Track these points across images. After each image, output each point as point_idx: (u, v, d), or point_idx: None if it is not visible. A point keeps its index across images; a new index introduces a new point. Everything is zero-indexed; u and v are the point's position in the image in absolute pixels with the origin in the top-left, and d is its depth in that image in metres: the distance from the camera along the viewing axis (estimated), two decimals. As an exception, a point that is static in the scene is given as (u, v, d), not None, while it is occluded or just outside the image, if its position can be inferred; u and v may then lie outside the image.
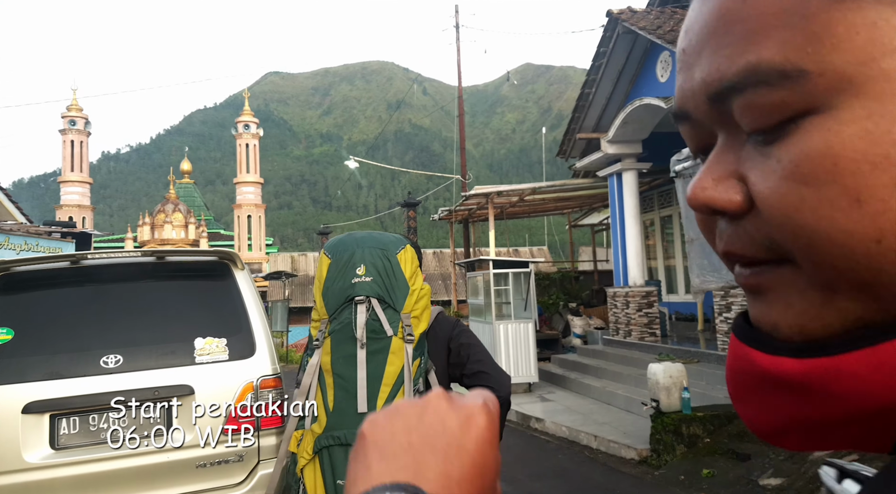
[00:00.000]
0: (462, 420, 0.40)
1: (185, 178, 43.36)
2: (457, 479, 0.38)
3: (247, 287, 3.80)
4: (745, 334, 0.34)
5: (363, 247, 1.80)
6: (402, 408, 0.42)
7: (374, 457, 0.39)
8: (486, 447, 0.40)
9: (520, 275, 9.79)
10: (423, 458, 0.38)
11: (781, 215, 0.30)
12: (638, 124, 9.66)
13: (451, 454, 0.38)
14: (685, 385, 5.77)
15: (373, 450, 0.39)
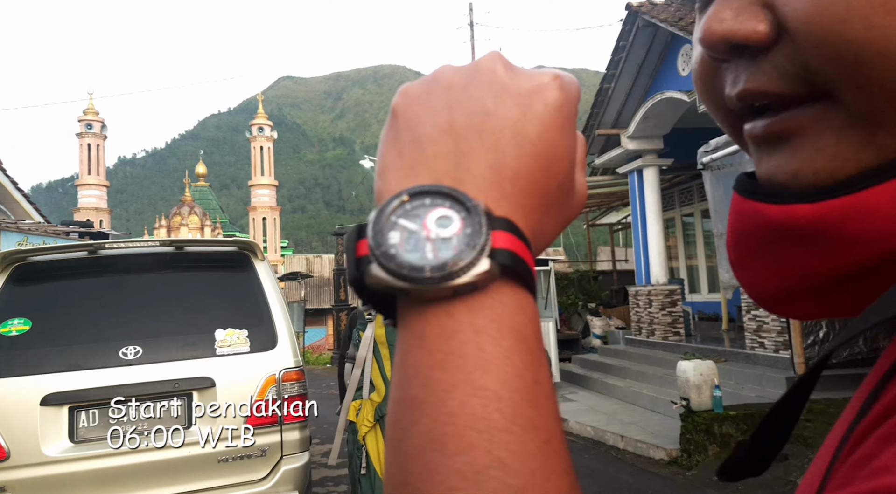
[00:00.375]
0: (524, 95, 0.31)
1: (201, 181, 43.61)
2: (510, 176, 0.29)
3: (267, 278, 3.70)
4: (750, 189, 0.32)
5: None
6: (445, 75, 0.32)
7: (406, 141, 0.31)
8: (556, 134, 0.31)
9: (539, 274, 9.64)
10: (466, 146, 0.30)
11: (823, 31, 0.26)
12: (659, 119, 9.48)
13: (504, 141, 0.30)
14: (717, 383, 5.59)
15: (405, 132, 0.31)
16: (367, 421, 1.71)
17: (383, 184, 0.31)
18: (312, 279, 28.49)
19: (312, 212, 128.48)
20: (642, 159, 10.01)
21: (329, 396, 11.47)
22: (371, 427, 1.70)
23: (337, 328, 18.44)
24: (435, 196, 0.28)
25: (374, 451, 1.66)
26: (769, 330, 7.22)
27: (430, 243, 0.28)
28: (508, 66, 0.32)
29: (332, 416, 9.10)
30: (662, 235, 10.10)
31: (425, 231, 0.28)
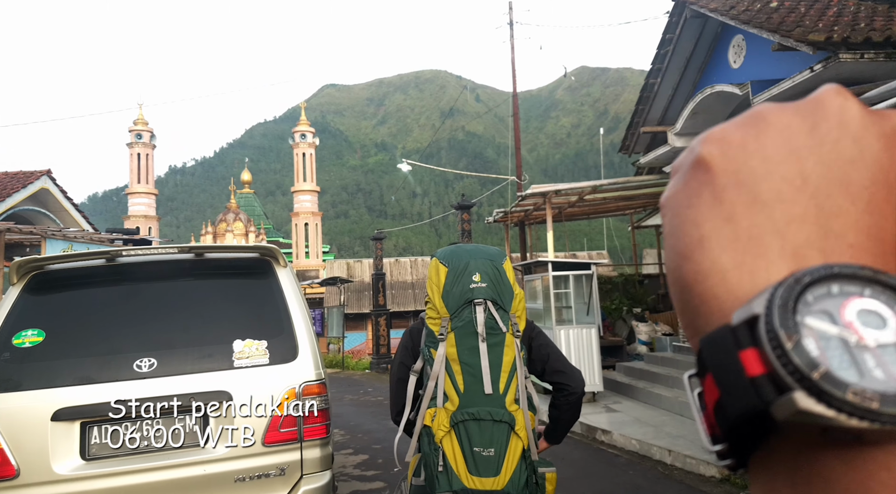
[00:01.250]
0: (889, 136, 0.24)
1: (246, 188, 44.44)
2: (893, 244, 0.23)
3: (290, 285, 3.51)
4: None
5: (476, 258, 2.11)
6: (777, 115, 0.25)
7: (738, 201, 0.23)
8: None
9: (581, 278, 9.27)
10: (832, 205, 0.23)
11: None
12: (709, 115, 9.01)
13: (879, 196, 0.23)
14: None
15: (734, 190, 0.24)
16: (443, 427, 1.88)
17: (707, 262, 0.23)
18: (352, 284, 28.59)
19: (355, 217, 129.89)
20: (689, 157, 9.56)
21: (367, 403, 11.32)
22: (447, 431, 1.88)
23: (376, 332, 18.35)
24: (843, 281, 0.21)
25: (450, 452, 1.87)
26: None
27: (871, 353, 0.20)
28: (859, 102, 0.25)
29: (368, 424, 8.95)
30: (712, 237, 9.62)
31: (855, 335, 0.20)
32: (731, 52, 8.71)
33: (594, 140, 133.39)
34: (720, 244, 0.23)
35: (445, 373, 1.97)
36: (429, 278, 2.16)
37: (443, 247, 2.30)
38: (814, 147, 0.24)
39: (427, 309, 2.13)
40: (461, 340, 1.99)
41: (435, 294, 2.09)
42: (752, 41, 8.15)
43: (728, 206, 0.24)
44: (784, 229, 0.23)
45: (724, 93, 8.29)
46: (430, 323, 2.07)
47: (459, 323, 2.01)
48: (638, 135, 10.28)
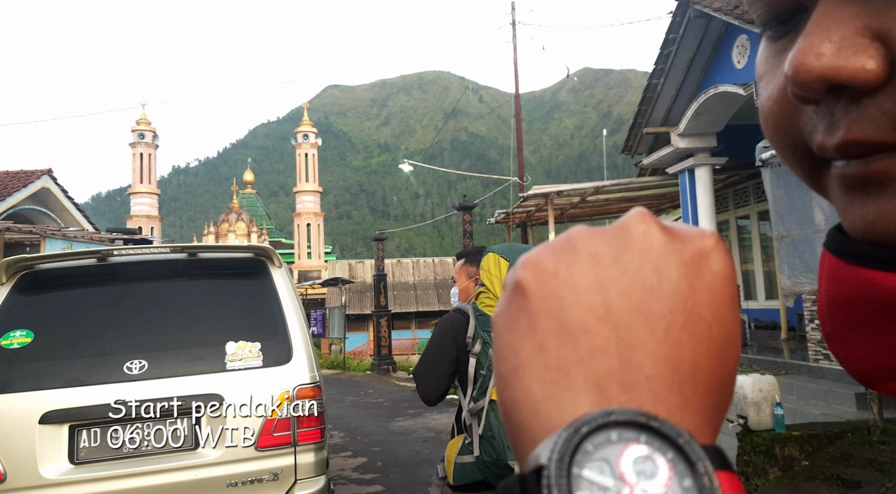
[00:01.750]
0: (689, 264, 0.25)
1: (248, 189, 44.46)
2: (689, 372, 0.24)
3: (284, 286, 3.45)
4: (857, 253, 0.27)
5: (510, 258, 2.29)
6: (585, 242, 0.26)
7: (548, 330, 0.24)
8: (729, 310, 0.25)
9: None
10: (631, 335, 0.24)
11: None
12: (712, 115, 8.94)
13: (676, 325, 0.24)
14: (778, 400, 5.09)
15: (545, 318, 0.25)
16: None
17: (522, 391, 0.24)
18: (354, 285, 28.53)
19: (357, 217, 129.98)
20: (694, 158, 9.47)
21: (367, 405, 11.25)
22: None
23: (377, 334, 18.29)
24: (623, 427, 0.21)
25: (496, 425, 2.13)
26: (836, 341, 6.63)
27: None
28: (663, 227, 0.26)
29: (368, 426, 8.88)
30: (715, 239, 9.52)
31: (627, 487, 0.20)
32: (735, 52, 8.63)
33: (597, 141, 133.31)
34: (533, 373, 0.24)
35: None
36: (486, 271, 2.34)
37: (495, 246, 2.52)
38: (617, 276, 0.24)
39: (483, 298, 2.34)
40: None
41: (496, 285, 2.30)
42: (756, 41, 8.07)
43: (540, 335, 0.24)
44: (588, 360, 0.23)
45: (728, 94, 8.21)
46: (490, 311, 2.25)
47: None
48: (641, 136, 10.20)
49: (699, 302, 0.24)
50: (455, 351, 2.36)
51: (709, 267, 0.25)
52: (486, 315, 2.30)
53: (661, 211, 14.95)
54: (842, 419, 5.64)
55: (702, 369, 0.24)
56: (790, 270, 5.33)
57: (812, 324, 7.02)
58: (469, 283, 2.69)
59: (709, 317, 0.24)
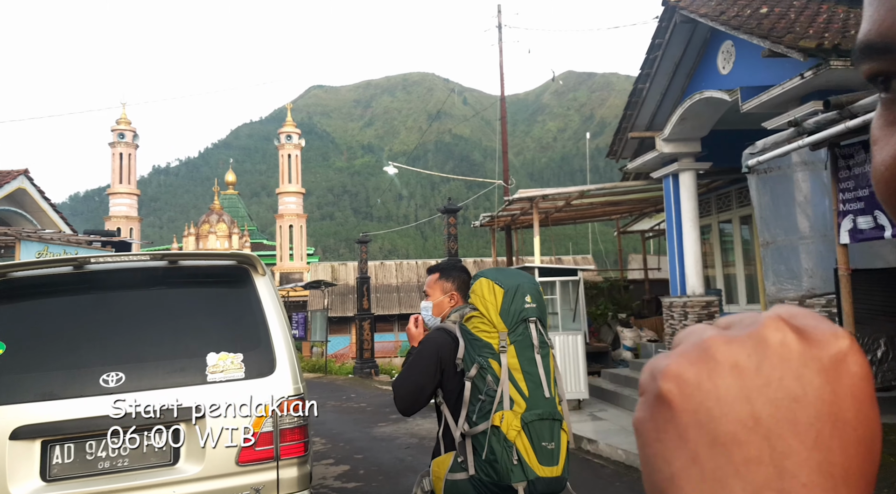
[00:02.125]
0: (829, 369, 0.26)
1: (230, 189, 44.01)
2: (842, 476, 0.25)
3: (268, 295, 3.36)
4: None
5: (524, 282, 2.42)
6: (724, 353, 0.26)
7: (699, 441, 0.26)
8: (871, 410, 0.26)
9: (567, 284, 9.18)
10: (783, 445, 0.25)
11: None
12: (697, 120, 8.97)
13: (825, 432, 0.25)
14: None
15: (695, 430, 0.26)
16: (514, 427, 2.17)
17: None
18: (337, 287, 28.35)
19: (341, 219, 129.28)
20: (678, 163, 9.50)
21: (350, 410, 11.14)
22: (518, 431, 2.17)
23: (360, 337, 18.16)
24: None
25: (522, 448, 2.17)
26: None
27: None
28: (798, 332, 0.27)
29: (350, 432, 8.77)
30: (699, 243, 9.56)
31: None
32: (720, 58, 8.68)
33: (580, 144, 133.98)
34: (690, 484, 0.25)
35: (510, 381, 2.25)
36: (479, 296, 2.38)
37: (484, 270, 2.57)
38: (761, 387, 0.25)
39: (477, 323, 2.36)
40: (521, 352, 2.30)
41: (491, 311, 2.34)
42: (741, 47, 8.12)
43: (692, 446, 0.26)
44: (744, 471, 0.24)
45: (713, 99, 8.24)
46: (486, 336, 2.32)
47: (517, 337, 2.31)
48: (626, 140, 10.22)
49: (843, 407, 0.25)
50: (439, 373, 2.37)
51: (847, 369, 0.26)
52: (482, 339, 2.32)
53: (644, 214, 15.03)
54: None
55: (853, 471, 0.25)
56: (775, 277, 5.35)
57: (795, 330, 7.07)
58: (444, 298, 2.67)
59: (854, 420, 0.25)
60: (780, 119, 7.12)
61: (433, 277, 2.75)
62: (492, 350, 2.29)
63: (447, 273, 2.73)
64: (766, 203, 5.31)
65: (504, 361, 2.27)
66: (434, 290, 2.70)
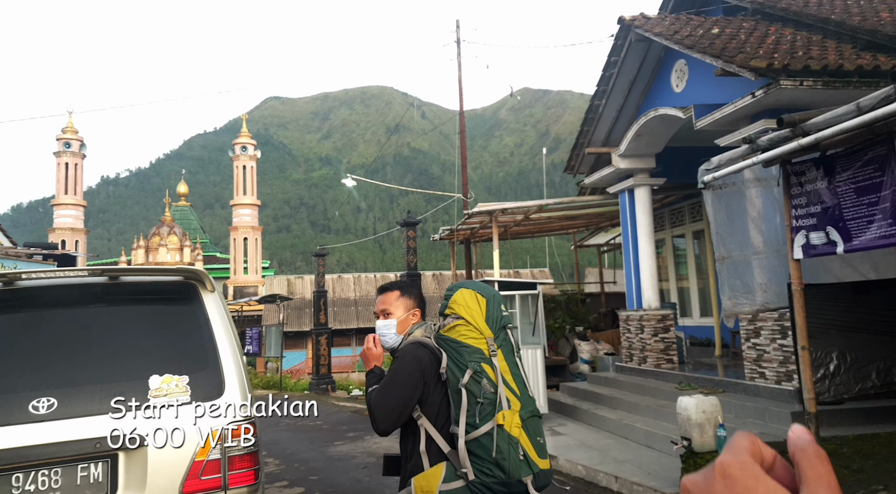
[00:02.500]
0: None
1: (182, 201, 42.89)
2: None
3: (217, 313, 3.19)
4: None
5: (496, 293, 2.53)
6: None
7: None
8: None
9: (527, 298, 9.17)
10: None
11: None
12: (652, 137, 9.13)
13: None
14: (721, 421, 5.12)
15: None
16: (516, 424, 2.26)
17: None
18: (293, 301, 27.81)
19: (297, 231, 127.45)
20: (634, 178, 9.64)
21: (305, 428, 10.84)
22: (519, 428, 2.27)
23: (316, 352, 17.80)
24: None
25: (526, 444, 2.27)
26: (770, 359, 6.79)
27: None
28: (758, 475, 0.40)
29: (306, 452, 8.51)
30: (654, 258, 9.70)
31: None
32: (673, 76, 8.86)
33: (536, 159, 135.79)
34: None
35: (504, 386, 2.34)
36: (463, 305, 2.45)
37: (458, 282, 2.72)
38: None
39: (463, 330, 2.42)
40: (506, 356, 2.41)
41: (478, 319, 2.43)
42: (694, 66, 8.31)
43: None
44: None
45: (668, 117, 8.40)
46: (474, 342, 2.40)
47: (501, 342, 2.43)
48: (583, 155, 10.33)
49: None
50: (422, 387, 2.39)
51: None
52: (471, 346, 2.40)
53: (600, 228, 15.22)
54: (780, 438, 5.74)
55: None
56: (731, 291, 5.41)
57: (748, 343, 7.18)
58: (407, 316, 2.65)
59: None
60: (732, 136, 7.28)
61: (393, 294, 2.69)
62: (482, 355, 2.37)
63: (408, 290, 2.71)
64: (722, 219, 5.39)
65: (497, 364, 2.36)
66: (397, 308, 2.65)
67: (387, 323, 2.63)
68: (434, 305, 30.82)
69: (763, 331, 6.85)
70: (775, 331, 6.70)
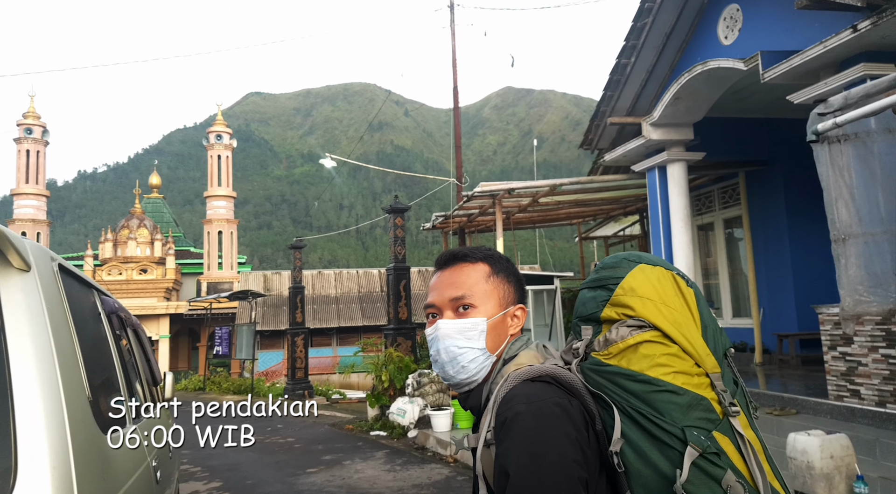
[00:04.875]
0: None
1: (154, 193, 40.80)
2: None
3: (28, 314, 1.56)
4: None
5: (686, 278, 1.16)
6: None
7: None
8: None
9: (542, 294, 7.59)
10: None
11: None
12: (693, 100, 7.59)
13: None
14: (857, 471, 3.56)
15: None
16: None
17: None
18: (270, 298, 26.03)
19: (279, 228, 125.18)
20: (667, 152, 8.09)
21: (272, 447, 9.15)
22: None
23: (292, 353, 16.11)
24: None
25: None
26: (869, 374, 5.27)
27: None
28: None
29: (271, 483, 6.79)
30: (691, 246, 8.16)
31: None
32: (721, 27, 7.33)
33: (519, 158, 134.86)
34: None
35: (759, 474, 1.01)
36: (653, 301, 1.06)
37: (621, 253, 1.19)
38: None
39: (660, 356, 1.02)
40: (749, 417, 1.06)
41: (690, 331, 1.05)
42: (751, 9, 6.78)
43: None
44: None
45: (718, 72, 6.86)
46: (689, 384, 1.02)
47: (733, 387, 1.06)
48: (604, 126, 8.77)
49: None
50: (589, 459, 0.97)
51: None
52: (683, 391, 1.00)
53: (610, 218, 13.68)
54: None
55: None
56: (853, 283, 3.87)
57: (833, 352, 5.65)
58: (504, 317, 1.14)
59: None
60: (808, 91, 5.76)
61: (477, 270, 1.18)
62: (710, 411, 1.01)
63: (500, 264, 1.21)
64: (844, 183, 3.85)
65: (743, 433, 1.03)
66: (485, 299, 1.15)
67: (465, 326, 1.13)
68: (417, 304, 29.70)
69: (859, 337, 5.32)
70: (877, 338, 5.18)
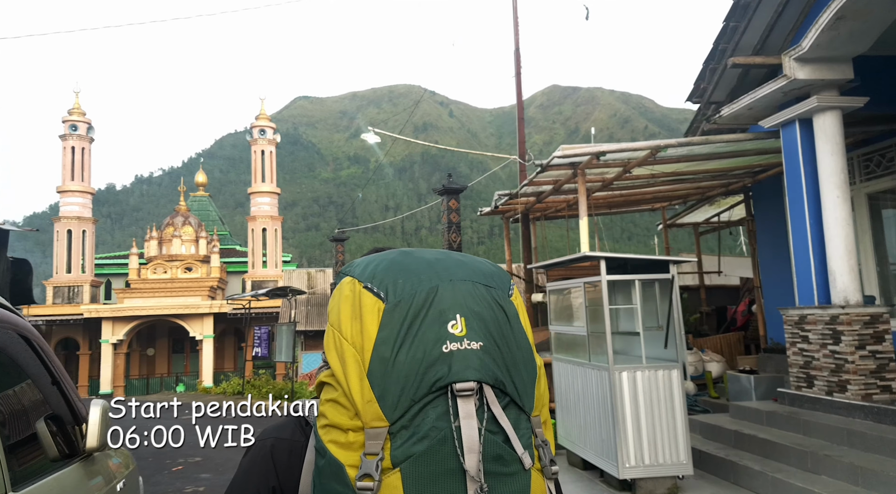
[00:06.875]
0: None
1: (200, 191, 40.28)
2: None
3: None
4: None
5: (454, 280, 0.78)
6: None
7: None
8: None
9: (652, 287, 5.71)
10: None
11: None
12: (861, 21, 5.57)
13: None
14: None
15: None
16: None
17: None
18: (314, 296, 24.71)
19: (326, 230, 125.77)
20: (817, 97, 6.08)
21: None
22: None
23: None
24: None
25: None
26: None
27: None
28: None
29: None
30: (851, 223, 6.12)
31: None
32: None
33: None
34: None
35: None
36: (336, 326, 0.77)
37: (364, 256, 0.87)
38: None
39: (328, 407, 0.75)
40: (425, 488, 0.67)
41: (353, 367, 0.73)
42: None
43: None
44: None
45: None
46: (334, 445, 0.72)
47: (417, 443, 0.69)
48: (722, 70, 6.80)
49: None
50: None
51: None
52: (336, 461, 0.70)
53: (706, 199, 11.58)
54: None
55: None
56: None
57: None
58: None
59: None
60: None
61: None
62: (344, 483, 0.67)
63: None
64: None
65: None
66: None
67: None
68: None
69: None
70: None
